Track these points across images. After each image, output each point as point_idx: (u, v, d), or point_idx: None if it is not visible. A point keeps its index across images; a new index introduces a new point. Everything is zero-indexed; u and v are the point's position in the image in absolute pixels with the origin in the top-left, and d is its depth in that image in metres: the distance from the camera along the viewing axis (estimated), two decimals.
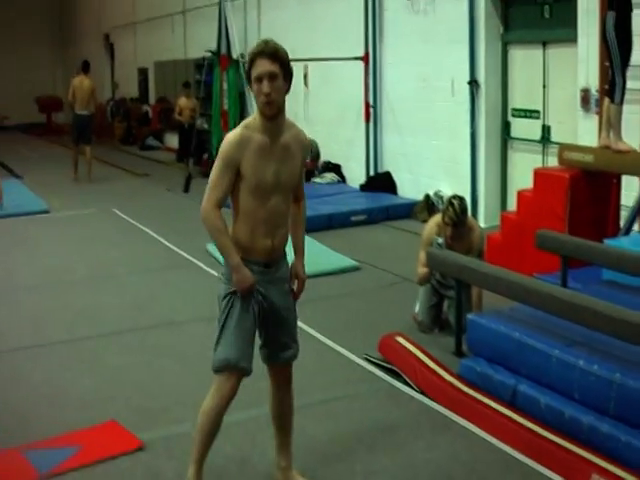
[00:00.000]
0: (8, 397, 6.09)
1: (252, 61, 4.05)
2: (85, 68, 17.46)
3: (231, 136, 4.16)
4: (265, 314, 4.29)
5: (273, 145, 4.14)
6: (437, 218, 7.17)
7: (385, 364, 6.33)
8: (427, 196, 12.16)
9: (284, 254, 4.39)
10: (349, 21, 14.08)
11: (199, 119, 17.98)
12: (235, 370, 4.21)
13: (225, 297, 4.23)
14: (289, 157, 4.20)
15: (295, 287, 4.44)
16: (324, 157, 15.39)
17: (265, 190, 4.14)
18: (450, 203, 6.90)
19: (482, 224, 11.20)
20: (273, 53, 4.04)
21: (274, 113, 4.09)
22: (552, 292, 5.54)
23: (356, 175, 14.28)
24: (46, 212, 13.53)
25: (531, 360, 5.43)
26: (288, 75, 4.11)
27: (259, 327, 4.33)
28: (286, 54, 4.09)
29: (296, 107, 16.05)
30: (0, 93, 28.78)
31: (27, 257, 10.55)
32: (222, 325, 4.23)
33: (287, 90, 4.14)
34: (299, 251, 4.52)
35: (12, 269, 9.97)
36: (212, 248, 10.13)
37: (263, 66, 4.03)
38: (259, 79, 4.03)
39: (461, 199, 6.96)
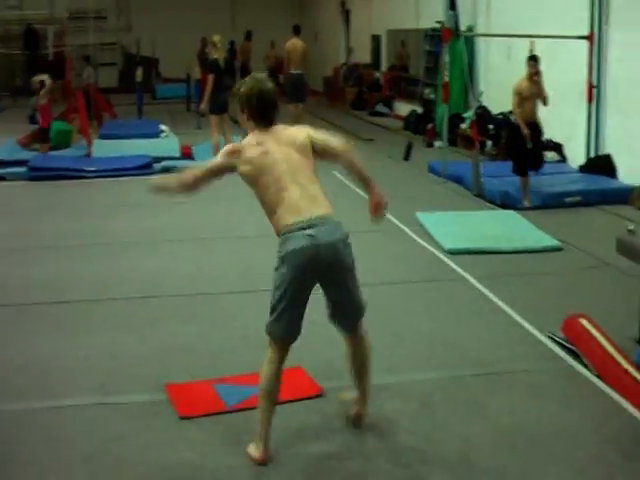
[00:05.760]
0: (210, 334, 6.79)
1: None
2: (296, 31, 18.13)
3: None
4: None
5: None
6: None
7: (567, 344, 6.41)
8: None
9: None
10: None
11: (426, 89, 18.13)
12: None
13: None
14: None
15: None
16: (546, 135, 15.15)
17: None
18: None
19: None
20: None
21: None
22: None
23: (577, 156, 13.98)
24: None
25: None
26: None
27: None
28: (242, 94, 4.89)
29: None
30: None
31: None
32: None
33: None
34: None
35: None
36: (422, 217, 10.35)
37: None
38: None
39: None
